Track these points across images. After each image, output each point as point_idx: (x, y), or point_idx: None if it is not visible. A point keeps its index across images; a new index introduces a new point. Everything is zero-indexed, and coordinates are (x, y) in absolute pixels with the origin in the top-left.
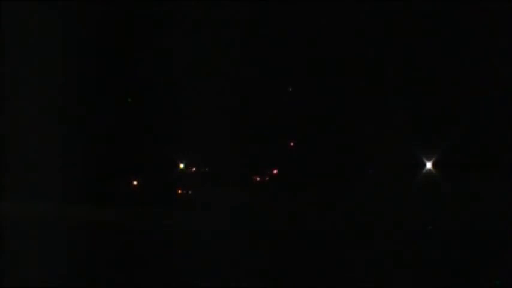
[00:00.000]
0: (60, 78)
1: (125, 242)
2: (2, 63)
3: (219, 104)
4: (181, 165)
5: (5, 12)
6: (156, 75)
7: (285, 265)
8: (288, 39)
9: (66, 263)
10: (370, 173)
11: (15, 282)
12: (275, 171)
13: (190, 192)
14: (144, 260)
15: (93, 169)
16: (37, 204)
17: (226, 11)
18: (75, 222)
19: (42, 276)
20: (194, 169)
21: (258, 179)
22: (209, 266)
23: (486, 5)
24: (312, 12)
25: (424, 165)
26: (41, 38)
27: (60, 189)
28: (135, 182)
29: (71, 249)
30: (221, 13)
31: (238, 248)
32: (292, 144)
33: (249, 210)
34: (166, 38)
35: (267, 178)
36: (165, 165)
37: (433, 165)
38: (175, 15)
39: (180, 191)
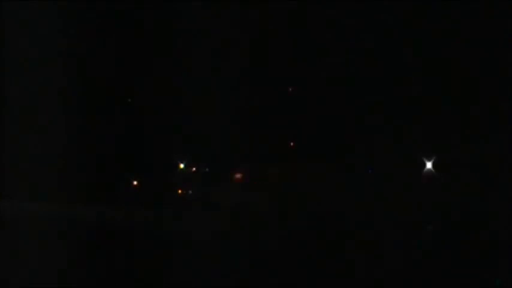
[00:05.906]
0: (60, 78)
1: (125, 242)
2: (2, 63)
3: (219, 104)
4: (181, 165)
5: (5, 12)
6: (156, 75)
7: (285, 265)
8: (287, 38)
9: (66, 263)
10: (370, 173)
11: (15, 282)
12: (275, 171)
13: (190, 192)
14: (144, 260)
15: (93, 169)
16: (37, 204)
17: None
18: (75, 222)
19: (42, 276)
20: (194, 169)
21: (258, 179)
22: (209, 266)
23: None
24: (312, 12)
25: (424, 165)
26: (41, 38)
27: (60, 189)
28: (135, 182)
29: (70, 249)
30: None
31: (238, 248)
32: (292, 144)
33: (249, 210)
34: (166, 37)
35: (267, 178)
36: (165, 165)
37: (433, 165)
38: (173, 14)
39: (180, 191)
